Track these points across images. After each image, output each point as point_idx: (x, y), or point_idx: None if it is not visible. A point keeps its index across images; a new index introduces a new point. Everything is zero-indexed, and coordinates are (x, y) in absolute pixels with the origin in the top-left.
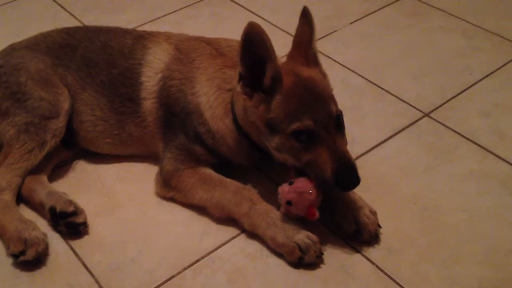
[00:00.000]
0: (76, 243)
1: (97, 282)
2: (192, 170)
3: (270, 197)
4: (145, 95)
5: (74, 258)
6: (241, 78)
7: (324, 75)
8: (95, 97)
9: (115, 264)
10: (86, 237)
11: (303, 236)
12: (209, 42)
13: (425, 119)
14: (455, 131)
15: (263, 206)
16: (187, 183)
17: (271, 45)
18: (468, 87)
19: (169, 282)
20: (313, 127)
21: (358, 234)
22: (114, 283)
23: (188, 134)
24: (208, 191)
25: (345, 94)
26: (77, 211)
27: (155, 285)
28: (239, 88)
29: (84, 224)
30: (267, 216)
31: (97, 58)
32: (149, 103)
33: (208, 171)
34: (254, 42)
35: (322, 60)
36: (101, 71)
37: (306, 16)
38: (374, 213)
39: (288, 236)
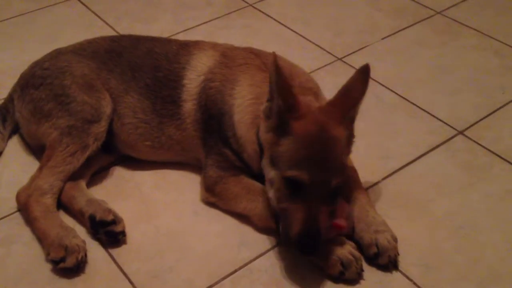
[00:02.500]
0: (115, 251)
1: None
2: (236, 178)
3: None
4: (186, 97)
5: (113, 265)
6: (271, 98)
7: (350, 137)
8: (138, 99)
9: (154, 272)
10: (124, 245)
11: (346, 252)
12: (258, 54)
13: (459, 137)
14: (489, 150)
15: None
16: (231, 192)
17: (283, 79)
18: (502, 106)
19: None
20: (306, 183)
21: (377, 257)
22: None
23: (221, 138)
24: (252, 201)
25: (377, 109)
26: (116, 220)
27: None
28: (263, 107)
29: (123, 233)
30: None
31: (142, 62)
32: (189, 105)
33: (252, 181)
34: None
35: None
36: (146, 74)
37: (364, 73)
38: (395, 239)
39: (330, 250)
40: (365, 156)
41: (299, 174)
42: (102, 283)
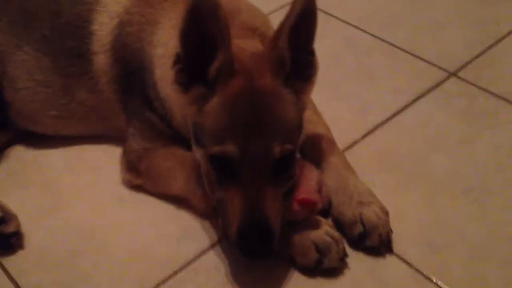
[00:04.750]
0: (7, 260)
1: None
2: (166, 151)
3: None
4: (96, 48)
5: (5, 279)
6: (178, 60)
7: (302, 85)
8: (34, 56)
9: (61, 285)
10: (20, 251)
11: (321, 233)
12: None
13: (452, 79)
14: (491, 92)
15: None
16: (161, 169)
17: (227, 25)
18: (499, 40)
19: None
20: (236, 158)
21: (364, 237)
22: None
23: (144, 100)
24: (190, 179)
25: (348, 55)
26: (6, 218)
27: None
28: (171, 75)
29: (16, 235)
30: None
31: (37, 7)
32: (101, 59)
33: (188, 153)
34: (203, 16)
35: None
36: (42, 22)
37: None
38: (386, 213)
39: (301, 232)
40: (339, 111)
41: (225, 149)
42: None
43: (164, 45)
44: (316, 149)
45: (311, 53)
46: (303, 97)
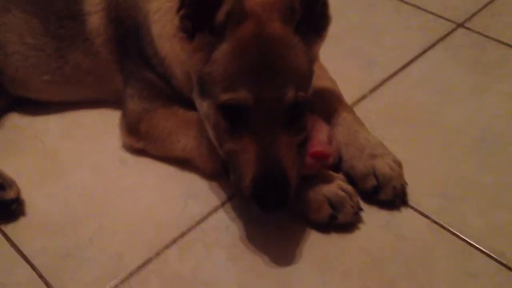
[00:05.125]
0: (8, 227)
1: (41, 277)
2: (166, 110)
3: None
4: (89, 8)
5: (7, 246)
6: (182, 5)
7: (312, 35)
8: (24, 18)
9: (65, 249)
10: (22, 218)
11: (334, 188)
12: None
13: (460, 30)
14: (500, 41)
15: None
16: (162, 128)
17: None
18: None
19: (145, 267)
20: (250, 105)
21: (377, 191)
22: (66, 275)
23: (142, 59)
24: (193, 138)
25: (352, 8)
26: (4, 184)
27: (125, 274)
28: (176, 21)
29: (17, 201)
30: None
31: None
32: (95, 19)
33: (189, 111)
34: None
35: None
36: None
37: None
38: (399, 164)
39: (313, 187)
40: (345, 67)
41: (238, 96)
42: None
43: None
44: (324, 104)
45: (324, 4)
46: (314, 49)
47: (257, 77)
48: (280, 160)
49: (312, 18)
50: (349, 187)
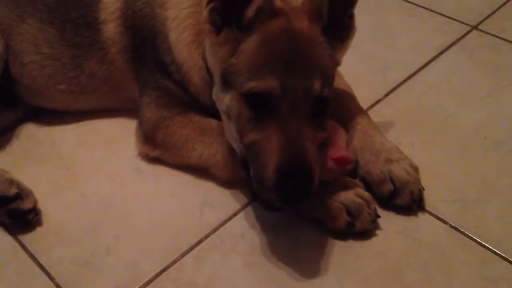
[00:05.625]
0: (26, 237)
1: (58, 286)
2: (183, 118)
3: None
4: (105, 16)
5: (24, 256)
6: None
7: (335, 58)
8: (39, 28)
9: (83, 259)
10: (38, 227)
11: (351, 195)
12: None
13: (474, 32)
14: None
15: None
16: (179, 136)
17: None
18: None
19: (162, 275)
20: (278, 93)
21: (394, 196)
22: (83, 284)
23: (159, 67)
24: (209, 145)
25: (364, 13)
26: (22, 194)
27: (142, 283)
28: (205, 14)
29: (34, 211)
30: None
31: None
32: (111, 28)
33: (205, 118)
34: None
35: None
36: None
37: None
38: (416, 169)
39: (330, 194)
40: (359, 71)
41: (265, 83)
42: (10, 282)
43: (176, 6)
44: (340, 109)
45: (350, 16)
46: (337, 55)
47: (285, 67)
48: (305, 151)
49: (338, 26)
50: (366, 194)
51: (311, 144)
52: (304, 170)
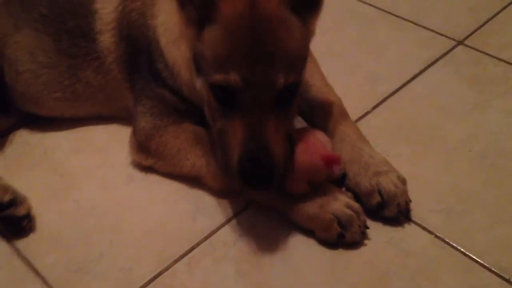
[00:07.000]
0: (21, 243)
1: None
2: (176, 127)
3: None
4: (100, 27)
5: (19, 262)
6: None
7: (307, 30)
8: (35, 37)
9: (77, 264)
10: (32, 233)
11: (341, 205)
12: None
13: (460, 47)
14: (500, 59)
15: None
16: (172, 146)
17: None
18: (504, 6)
19: (155, 281)
20: (239, 87)
21: (382, 208)
22: None
23: (153, 75)
24: (201, 156)
25: (352, 25)
26: (16, 201)
27: None
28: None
29: (28, 217)
30: None
31: None
32: (106, 38)
33: (198, 128)
34: None
35: None
36: (40, 0)
37: None
38: (403, 181)
39: (322, 205)
40: (347, 83)
41: (228, 77)
42: (5, 287)
43: (164, 11)
44: (329, 122)
45: None
46: (311, 24)
47: (248, 61)
48: (266, 142)
49: None
50: (356, 205)
51: (274, 135)
52: (264, 161)
